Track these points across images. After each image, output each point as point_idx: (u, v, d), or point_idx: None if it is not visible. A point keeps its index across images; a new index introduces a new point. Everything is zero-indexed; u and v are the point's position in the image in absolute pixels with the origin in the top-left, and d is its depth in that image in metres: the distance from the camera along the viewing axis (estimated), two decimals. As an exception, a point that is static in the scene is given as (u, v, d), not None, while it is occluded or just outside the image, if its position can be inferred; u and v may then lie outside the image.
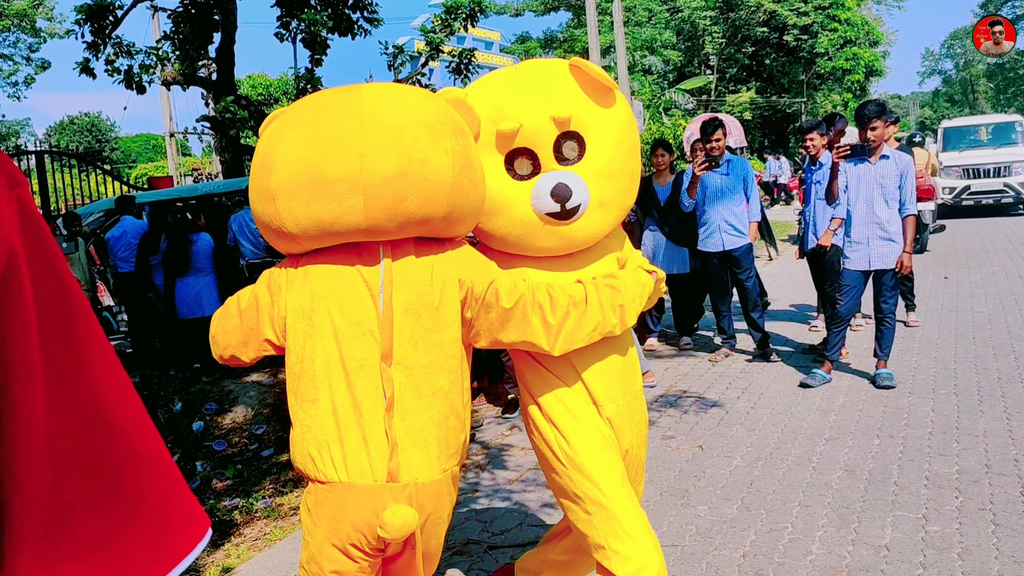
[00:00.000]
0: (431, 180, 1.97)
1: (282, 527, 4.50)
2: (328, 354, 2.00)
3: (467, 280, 2.11)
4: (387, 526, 1.95)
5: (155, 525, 0.79)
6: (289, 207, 1.97)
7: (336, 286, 2.01)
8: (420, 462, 2.02)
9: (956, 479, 4.19)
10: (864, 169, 5.80)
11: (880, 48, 35.59)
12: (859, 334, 7.46)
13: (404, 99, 2.04)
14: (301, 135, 1.99)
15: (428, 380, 2.03)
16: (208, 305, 8.05)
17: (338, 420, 1.99)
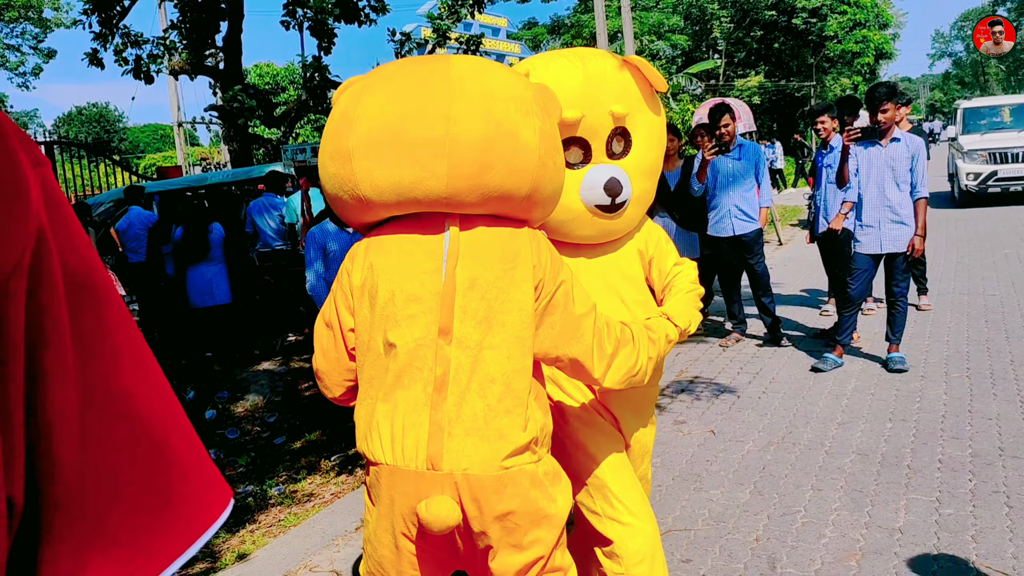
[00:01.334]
0: (518, 154, 1.87)
1: (296, 514, 4.53)
2: (386, 327, 1.89)
3: (539, 270, 1.94)
4: (420, 518, 1.83)
5: (182, 494, 0.80)
6: (366, 167, 1.86)
7: (396, 257, 1.91)
8: (472, 452, 1.83)
9: (969, 462, 4.18)
10: (875, 152, 5.77)
11: (890, 30, 35.30)
12: (870, 318, 7.44)
13: (494, 71, 1.97)
14: (385, 94, 1.89)
15: (489, 363, 1.86)
16: (220, 294, 8.09)
17: (389, 399, 1.89)
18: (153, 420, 0.77)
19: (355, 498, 4.54)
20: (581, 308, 2.01)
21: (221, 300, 8.11)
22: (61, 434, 0.69)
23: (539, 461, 1.92)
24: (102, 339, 0.73)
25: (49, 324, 0.67)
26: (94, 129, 42.50)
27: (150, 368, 0.78)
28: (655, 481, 4.25)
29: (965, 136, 16.59)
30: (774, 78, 33.19)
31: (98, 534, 0.72)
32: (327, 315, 2.06)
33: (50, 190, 0.70)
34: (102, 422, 0.72)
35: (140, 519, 0.75)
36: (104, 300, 0.74)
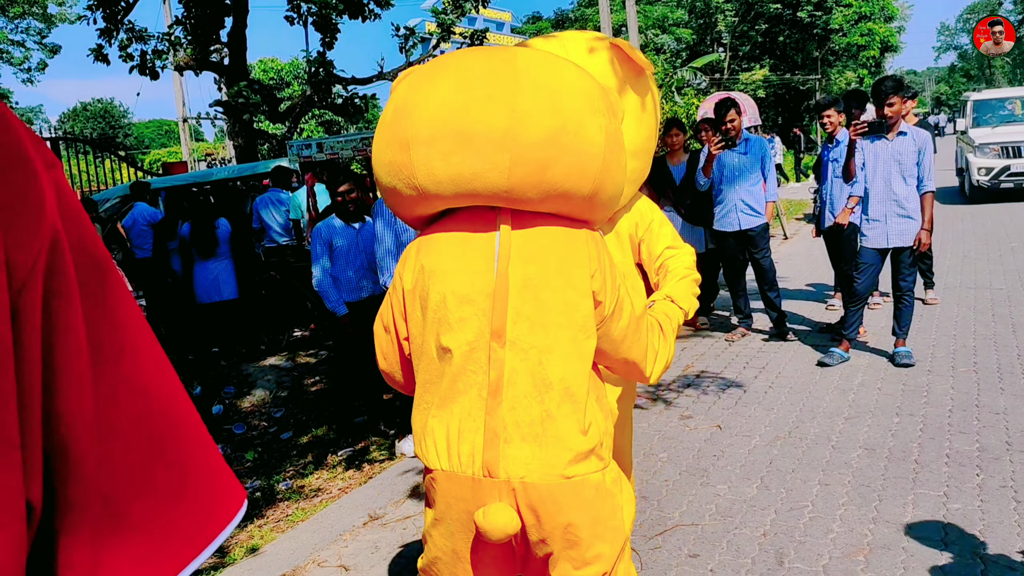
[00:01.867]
0: (583, 152, 1.79)
1: (304, 509, 4.55)
2: (439, 331, 1.83)
3: (599, 277, 1.86)
4: (478, 525, 1.77)
5: (197, 495, 0.80)
6: (426, 157, 1.78)
7: (447, 258, 1.84)
8: (529, 459, 1.77)
9: (977, 457, 4.18)
10: (881, 146, 5.75)
11: (895, 23, 35.15)
12: (877, 312, 7.42)
13: (562, 65, 1.88)
14: (448, 83, 1.81)
15: (545, 367, 1.78)
16: (226, 289, 8.10)
17: (443, 404, 1.84)
18: (167, 419, 0.78)
19: (363, 493, 4.55)
20: (638, 309, 1.97)
21: (228, 296, 8.12)
22: (78, 433, 0.69)
23: (605, 468, 1.85)
24: (116, 340, 0.73)
25: (64, 326, 0.68)
26: (99, 125, 42.54)
27: (163, 368, 0.79)
28: (661, 476, 4.25)
29: (975, 129, 15.94)
30: (779, 72, 33.08)
31: (115, 533, 0.73)
32: (385, 319, 2.02)
33: (63, 192, 0.70)
34: (117, 422, 0.72)
35: (156, 518, 0.76)
36: (117, 301, 0.74)
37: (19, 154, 0.65)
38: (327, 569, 3.64)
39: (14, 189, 0.64)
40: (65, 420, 0.68)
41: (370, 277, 5.41)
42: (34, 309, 0.65)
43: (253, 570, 3.74)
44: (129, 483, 0.73)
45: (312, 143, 8.48)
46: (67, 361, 0.68)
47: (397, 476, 4.71)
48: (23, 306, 0.64)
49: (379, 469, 5.00)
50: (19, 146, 0.66)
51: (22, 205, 0.64)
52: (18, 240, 0.63)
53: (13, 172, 0.64)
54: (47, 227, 0.66)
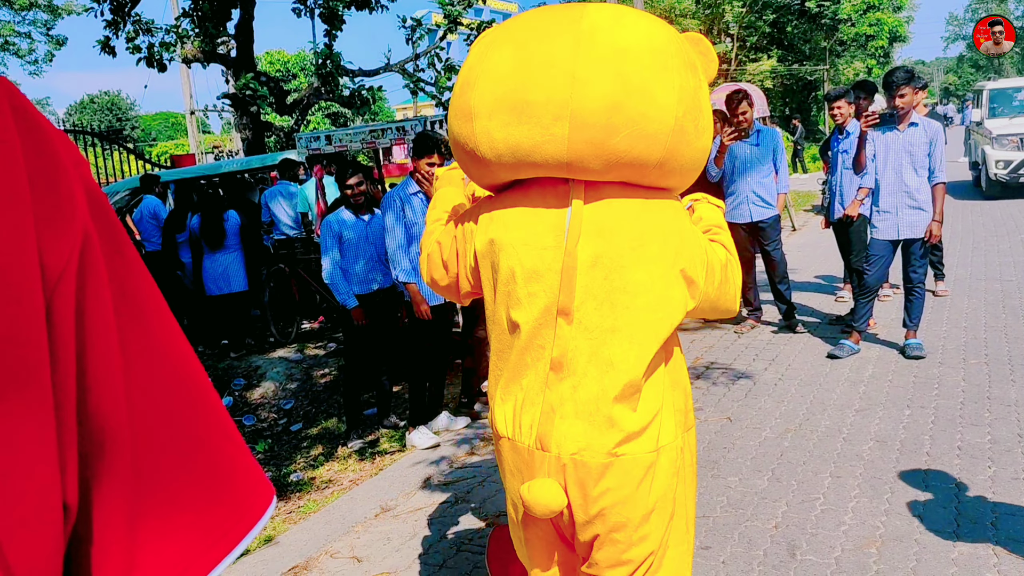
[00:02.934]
0: (650, 116, 1.69)
1: (316, 500, 4.56)
2: (508, 304, 1.83)
3: (682, 257, 1.80)
4: (523, 499, 1.79)
5: (228, 491, 0.81)
6: (486, 128, 1.76)
7: (517, 232, 1.82)
8: (580, 436, 1.75)
9: (989, 449, 4.17)
10: (892, 137, 5.73)
11: (904, 13, 34.93)
12: (886, 304, 7.40)
13: (633, 20, 1.76)
14: (510, 51, 1.76)
15: (610, 347, 1.75)
16: (235, 282, 8.12)
17: (512, 375, 1.84)
18: (197, 416, 0.78)
19: (374, 485, 4.57)
20: (718, 260, 1.91)
21: (237, 288, 8.14)
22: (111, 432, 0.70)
23: (658, 450, 1.79)
24: (146, 337, 0.73)
25: (96, 326, 0.68)
26: (106, 117, 42.60)
27: (191, 364, 0.79)
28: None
29: (992, 120, 15.19)
30: (786, 62, 32.93)
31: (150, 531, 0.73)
32: (445, 252, 2.03)
33: (91, 189, 0.70)
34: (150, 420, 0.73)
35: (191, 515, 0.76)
36: (146, 298, 0.74)
37: (50, 154, 0.65)
38: (340, 560, 3.66)
39: (46, 190, 0.64)
40: (98, 420, 0.69)
41: (379, 269, 5.42)
42: (67, 310, 0.65)
43: (267, 560, 3.76)
44: (163, 480, 0.74)
45: (320, 135, 8.47)
46: (99, 361, 0.68)
47: (408, 468, 4.73)
48: (57, 307, 0.64)
49: (390, 461, 5.01)
50: (50, 146, 0.66)
51: (55, 205, 0.64)
52: (52, 241, 0.64)
53: (45, 173, 0.64)
54: (79, 226, 0.66)
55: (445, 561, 3.54)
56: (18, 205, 0.61)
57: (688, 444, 1.88)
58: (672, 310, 1.79)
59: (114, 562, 0.71)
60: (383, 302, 5.52)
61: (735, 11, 31.84)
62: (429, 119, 7.98)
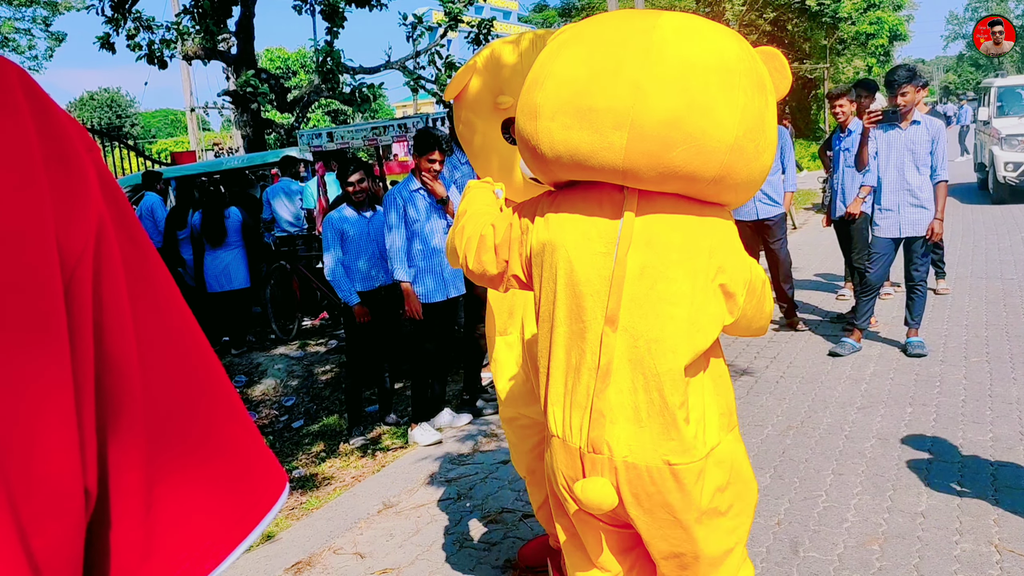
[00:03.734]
0: (709, 134, 1.71)
1: (318, 497, 4.57)
2: (557, 307, 1.88)
3: (725, 273, 1.84)
4: (577, 496, 1.88)
5: (243, 475, 0.81)
6: (548, 128, 1.81)
7: (571, 236, 1.86)
8: (632, 441, 1.81)
9: (991, 446, 4.17)
10: (894, 135, 5.73)
11: (904, 12, 34.93)
12: (888, 302, 7.41)
13: (704, 34, 1.76)
14: (580, 53, 1.80)
15: (655, 356, 1.79)
16: (237, 279, 8.12)
17: (563, 376, 1.90)
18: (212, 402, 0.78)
19: (376, 481, 4.57)
20: (759, 279, 1.96)
21: (238, 285, 8.14)
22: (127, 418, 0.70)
23: (704, 459, 1.83)
24: (160, 322, 0.74)
25: (112, 312, 0.68)
26: (106, 114, 42.53)
27: (205, 350, 0.79)
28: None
29: (1001, 119, 14.19)
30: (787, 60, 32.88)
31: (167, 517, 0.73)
32: (498, 238, 2.07)
33: (103, 174, 0.69)
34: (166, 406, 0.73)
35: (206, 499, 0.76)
36: (159, 284, 0.74)
37: (64, 139, 0.65)
38: (343, 556, 3.66)
39: (61, 175, 0.64)
40: (115, 404, 0.69)
41: (382, 266, 5.42)
42: (85, 296, 0.65)
43: (270, 556, 3.76)
44: (177, 466, 0.74)
45: (322, 133, 8.47)
46: (115, 346, 0.68)
47: (411, 464, 4.73)
48: (74, 294, 0.64)
49: (392, 458, 5.01)
50: (63, 131, 0.66)
51: (70, 191, 0.64)
52: (68, 226, 0.63)
53: (59, 158, 0.64)
54: (93, 211, 0.66)
55: (448, 557, 3.55)
56: (35, 191, 0.61)
57: (734, 445, 1.95)
58: (710, 323, 1.83)
59: (132, 545, 0.71)
60: (385, 299, 5.52)
61: (735, 8, 31.81)
62: (430, 116, 7.98)
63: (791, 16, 32.44)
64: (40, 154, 0.62)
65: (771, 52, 1.95)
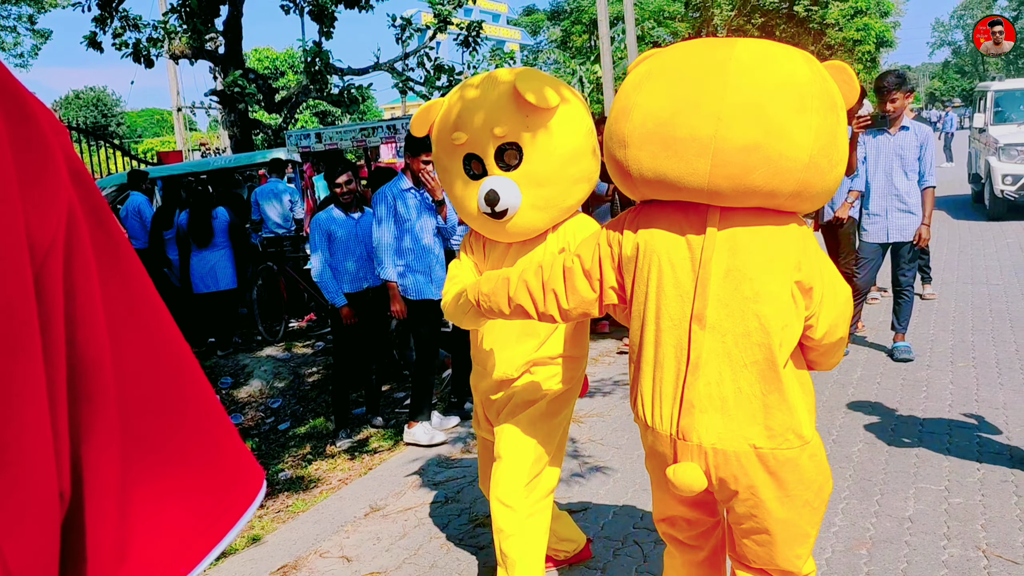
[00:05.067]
0: (786, 156, 1.87)
1: (304, 499, 4.53)
2: (651, 306, 2.07)
3: (803, 273, 1.98)
4: (668, 479, 2.07)
5: (219, 473, 0.78)
6: (636, 156, 2.01)
7: (662, 244, 2.05)
8: (720, 428, 1.98)
9: (977, 451, 4.19)
10: (883, 140, 5.75)
11: (891, 18, 35.17)
12: (874, 307, 7.44)
13: (777, 64, 1.92)
14: (663, 86, 1.98)
15: (742, 350, 1.96)
16: (223, 279, 8.06)
17: (654, 369, 2.08)
18: (185, 395, 0.76)
19: (363, 484, 4.54)
20: (845, 290, 2.09)
21: (225, 286, 8.08)
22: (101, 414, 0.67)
23: (799, 448, 2.00)
24: (132, 313, 0.71)
25: (83, 303, 0.65)
26: (91, 113, 42.26)
27: (177, 342, 0.77)
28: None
29: (998, 127, 12.92)
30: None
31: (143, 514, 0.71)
32: (586, 263, 2.24)
33: (71, 159, 0.67)
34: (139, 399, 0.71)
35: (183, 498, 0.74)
36: (131, 274, 0.72)
37: (31, 123, 0.62)
38: (329, 560, 3.63)
39: (30, 162, 0.61)
40: (88, 401, 0.66)
41: (369, 268, 5.39)
42: (56, 286, 0.62)
43: (256, 559, 3.73)
44: (152, 464, 0.72)
45: (311, 134, 8.43)
46: (88, 339, 0.66)
47: (398, 467, 4.71)
48: (45, 285, 0.61)
49: (379, 460, 4.99)
50: (30, 113, 0.63)
51: (38, 178, 0.61)
52: (38, 214, 0.61)
53: (27, 144, 0.61)
54: (63, 197, 0.63)
55: (435, 561, 3.52)
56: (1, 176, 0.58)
57: (819, 443, 2.08)
58: (794, 319, 1.99)
59: (108, 546, 0.69)
60: (373, 301, 5.49)
61: (724, 14, 31.95)
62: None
63: (779, 22, 32.62)
64: (6, 137, 0.59)
65: (839, 66, 2.07)
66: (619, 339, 7.23)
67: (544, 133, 2.66)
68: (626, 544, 3.52)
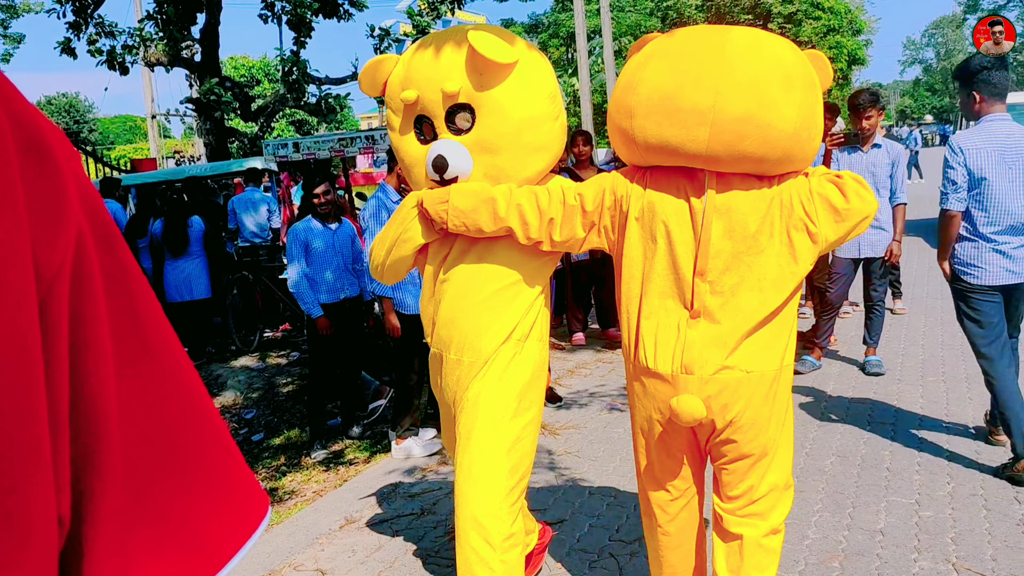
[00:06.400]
0: (774, 127, 2.14)
1: (279, 512, 4.50)
2: (656, 262, 2.30)
3: (788, 199, 2.25)
4: (672, 411, 2.29)
5: (223, 503, 0.78)
6: (642, 125, 2.25)
7: (667, 206, 2.29)
8: (716, 361, 2.25)
9: (947, 465, 4.25)
10: (856, 158, 5.83)
11: (863, 37, 35.71)
12: (847, 321, 7.52)
13: (767, 48, 2.22)
14: (666, 64, 2.24)
15: (737, 297, 2.25)
16: (198, 289, 7.99)
17: (652, 317, 2.32)
18: (191, 422, 0.76)
19: (338, 496, 4.52)
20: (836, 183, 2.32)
21: (199, 295, 8.02)
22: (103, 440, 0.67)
23: (781, 369, 2.33)
24: (139, 340, 0.71)
25: (89, 330, 0.65)
26: (63, 120, 41.79)
27: (184, 367, 0.77)
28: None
29: None
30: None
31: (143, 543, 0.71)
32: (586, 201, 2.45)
33: (83, 185, 0.67)
34: (143, 426, 0.71)
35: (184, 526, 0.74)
36: (139, 299, 0.72)
37: (43, 149, 0.63)
38: (303, 573, 3.61)
39: (40, 187, 0.61)
40: (90, 427, 0.66)
41: (346, 278, 5.38)
42: (61, 313, 0.62)
43: (229, 574, 3.68)
44: (156, 490, 0.71)
45: (288, 143, 8.40)
46: (93, 366, 0.66)
47: (374, 479, 4.69)
48: (50, 311, 0.61)
49: (355, 472, 4.96)
50: (42, 141, 0.63)
51: (48, 204, 0.62)
52: (45, 241, 0.61)
53: (38, 170, 0.62)
54: (72, 225, 0.64)
55: (411, 573, 3.51)
56: (10, 203, 0.58)
57: (790, 369, 2.40)
58: (796, 260, 2.26)
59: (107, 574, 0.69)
60: (349, 312, 5.47)
61: (699, 30, 32.17)
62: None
63: (753, 38, 32.94)
64: (16, 164, 0.60)
65: (816, 54, 2.37)
66: (596, 350, 7.25)
67: (499, 93, 2.49)
68: (602, 557, 3.52)
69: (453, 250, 2.68)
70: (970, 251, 4.11)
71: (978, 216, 4.04)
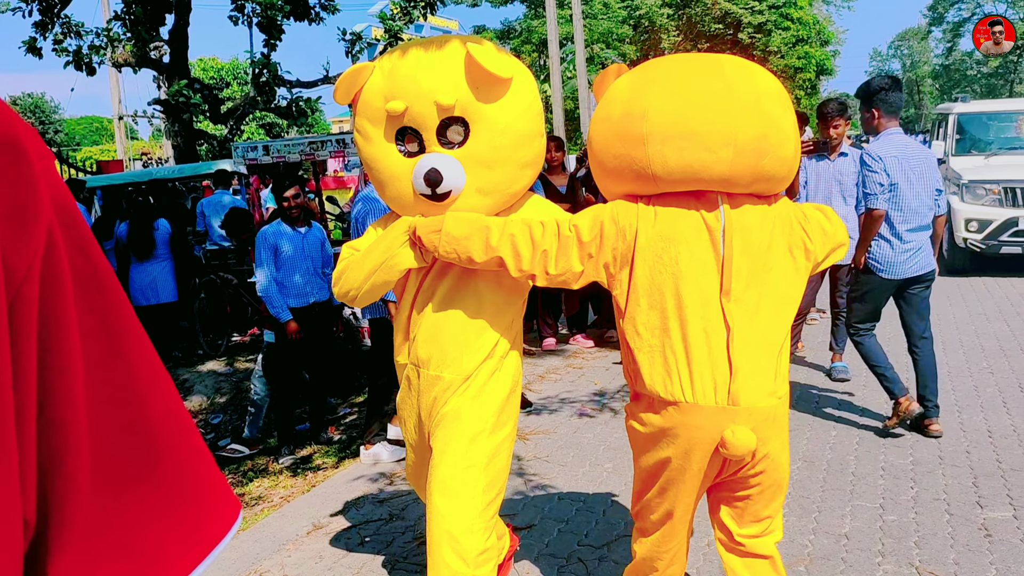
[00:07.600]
0: (783, 144, 2.24)
1: (245, 517, 4.45)
2: (678, 288, 2.24)
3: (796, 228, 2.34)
4: (728, 444, 2.20)
5: (193, 506, 0.78)
6: (660, 151, 2.19)
7: (683, 230, 2.26)
8: (756, 388, 2.22)
9: (911, 470, 4.30)
10: (824, 166, 5.91)
11: (831, 47, 36.26)
12: (813, 327, 7.60)
13: (757, 72, 2.32)
14: (671, 89, 2.24)
15: (762, 315, 2.25)
16: (164, 292, 7.90)
17: (688, 347, 2.23)
18: (161, 426, 0.75)
19: (306, 501, 4.48)
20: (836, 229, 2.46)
21: (165, 299, 7.93)
22: (71, 443, 0.67)
23: (786, 395, 2.35)
24: (110, 343, 0.70)
25: (59, 332, 0.65)
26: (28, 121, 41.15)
27: (157, 371, 0.76)
28: (607, 486, 4.28)
29: (961, 158, 10.41)
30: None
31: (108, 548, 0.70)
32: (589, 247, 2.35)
33: (55, 186, 0.66)
34: (111, 429, 0.70)
35: (152, 531, 0.73)
36: (110, 302, 0.71)
37: (15, 148, 0.62)
38: (270, 579, 3.57)
39: (10, 187, 0.61)
40: (57, 430, 0.65)
41: (315, 282, 5.35)
42: (30, 315, 0.62)
43: (193, 580, 3.64)
44: (123, 493, 0.70)
45: (258, 146, 8.34)
46: (61, 368, 0.65)
47: (342, 484, 4.65)
48: (19, 312, 0.61)
49: (323, 477, 4.93)
50: (15, 139, 0.62)
51: (18, 204, 0.61)
52: (15, 242, 0.60)
53: (9, 169, 0.61)
54: (43, 226, 0.63)
55: (379, 580, 3.49)
56: None
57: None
58: (798, 277, 2.34)
59: None
60: (319, 316, 5.44)
61: (671, 39, 32.52)
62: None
63: (724, 48, 33.31)
64: None
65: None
66: (566, 356, 7.27)
67: (496, 108, 2.44)
68: (571, 562, 3.53)
69: (435, 266, 2.60)
70: (886, 250, 4.69)
71: (895, 216, 4.60)
